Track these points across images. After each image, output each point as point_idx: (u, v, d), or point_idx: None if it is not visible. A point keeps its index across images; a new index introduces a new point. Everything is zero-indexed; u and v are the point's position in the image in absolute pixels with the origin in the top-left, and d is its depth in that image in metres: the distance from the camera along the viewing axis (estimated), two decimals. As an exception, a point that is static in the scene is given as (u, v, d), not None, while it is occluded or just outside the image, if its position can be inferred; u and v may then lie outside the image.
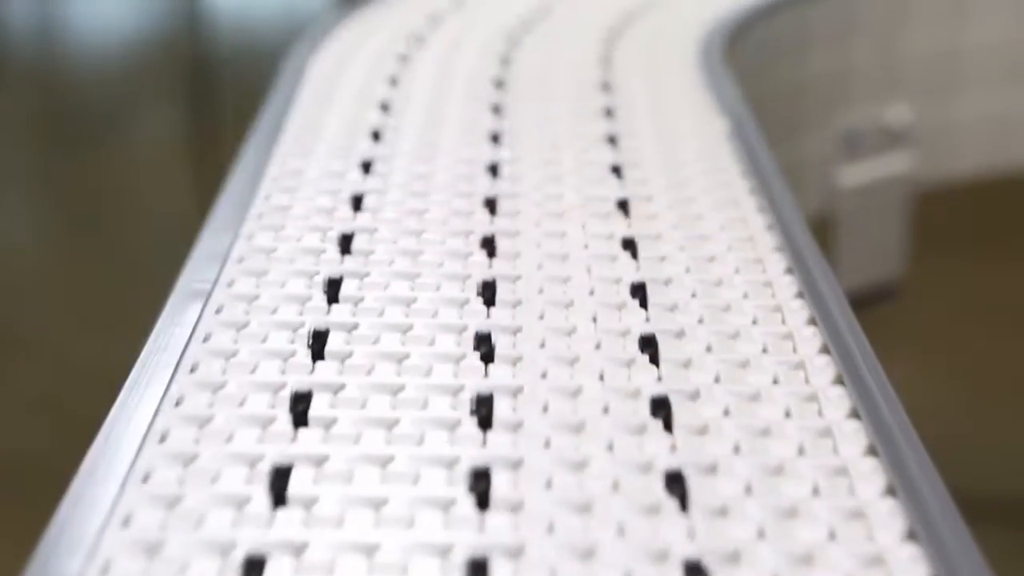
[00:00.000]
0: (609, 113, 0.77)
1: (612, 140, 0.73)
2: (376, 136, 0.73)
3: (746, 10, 1.10)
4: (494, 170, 0.68)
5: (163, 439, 0.44)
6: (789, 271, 0.57)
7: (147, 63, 3.68)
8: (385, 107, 0.78)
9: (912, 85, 1.42)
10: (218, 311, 0.53)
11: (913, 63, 1.41)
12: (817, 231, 1.33)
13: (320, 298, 0.54)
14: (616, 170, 0.68)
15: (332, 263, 0.57)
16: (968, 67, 1.44)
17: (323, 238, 0.60)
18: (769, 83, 1.23)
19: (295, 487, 0.42)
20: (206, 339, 0.50)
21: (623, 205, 0.63)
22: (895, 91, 1.40)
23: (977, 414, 1.84)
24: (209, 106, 3.14)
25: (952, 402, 1.85)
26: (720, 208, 0.63)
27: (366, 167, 0.68)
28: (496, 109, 0.78)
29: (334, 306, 0.53)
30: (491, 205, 0.64)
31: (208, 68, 3.43)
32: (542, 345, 0.50)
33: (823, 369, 0.48)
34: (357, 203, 0.63)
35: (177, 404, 0.46)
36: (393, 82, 0.83)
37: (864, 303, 1.46)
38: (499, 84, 0.83)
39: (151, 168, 2.86)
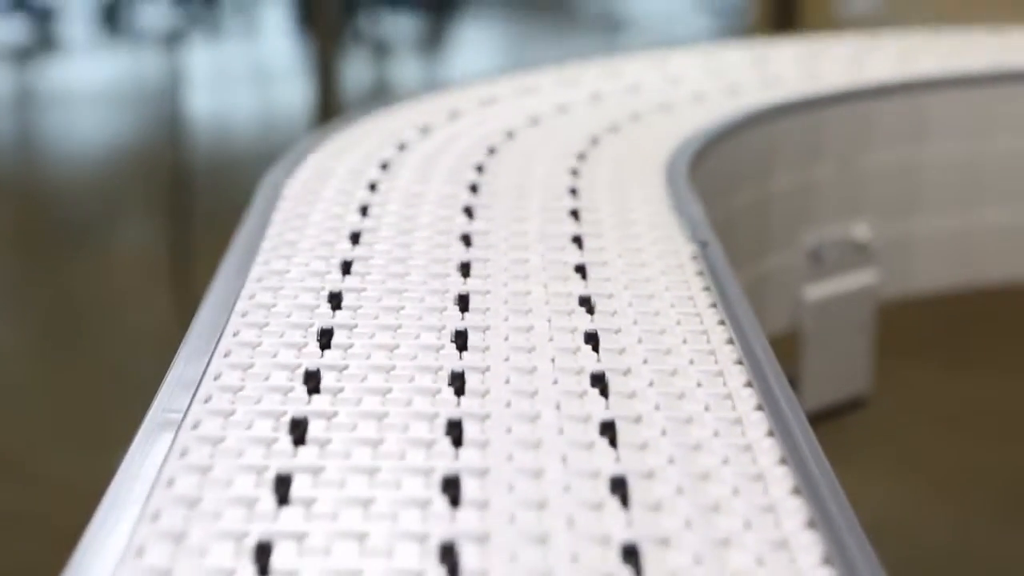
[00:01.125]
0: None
1: (579, 246, 0.76)
2: (355, 239, 0.76)
3: (714, 128, 1.14)
4: (466, 269, 0.72)
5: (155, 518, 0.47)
6: (739, 362, 0.60)
7: (125, 173, 3.72)
8: (364, 210, 0.82)
9: (875, 202, 1.46)
10: (207, 399, 0.56)
11: (875, 181, 1.45)
12: (786, 345, 1.37)
13: (301, 390, 0.57)
14: (586, 302, 0.71)
15: (312, 356, 0.60)
16: (928, 185, 1.48)
17: (304, 334, 0.63)
18: (737, 201, 1.27)
19: (278, 560, 0.45)
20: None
21: (586, 302, 0.67)
22: (858, 208, 1.44)
23: (952, 523, 1.86)
24: (187, 216, 3.17)
25: (925, 511, 1.87)
26: (676, 300, 0.67)
27: (347, 267, 0.72)
28: (469, 211, 0.81)
29: (315, 396, 0.57)
30: (463, 301, 0.67)
31: (186, 178, 3.48)
32: (508, 431, 0.53)
33: (768, 450, 0.52)
34: (336, 301, 0.67)
35: (169, 485, 0.49)
36: (372, 187, 0.87)
37: (834, 414, 1.49)
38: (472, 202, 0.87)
39: (129, 278, 2.89)
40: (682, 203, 0.87)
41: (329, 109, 2.81)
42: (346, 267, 0.72)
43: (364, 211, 0.82)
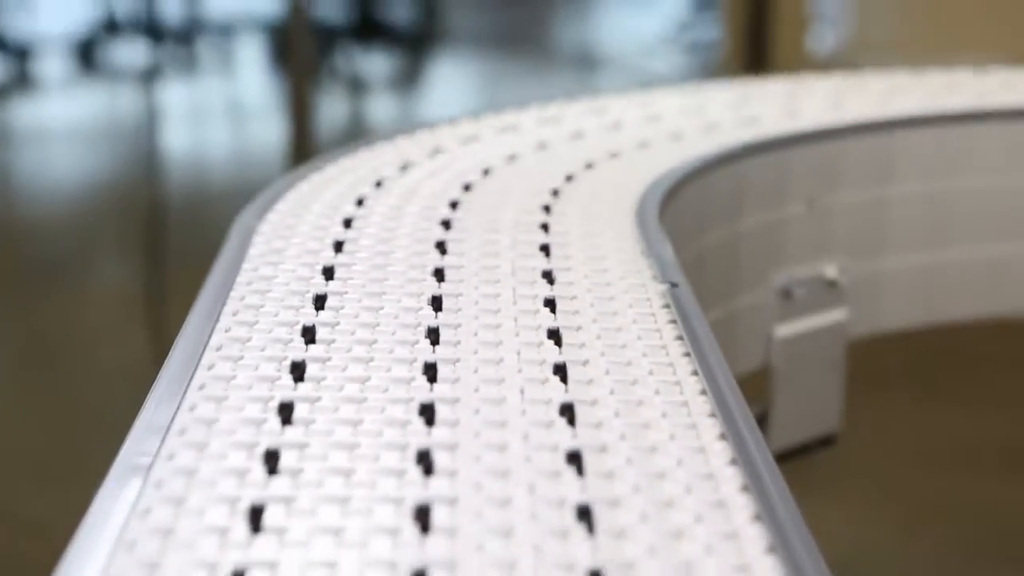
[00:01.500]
0: (548, 278, 0.81)
1: (550, 304, 0.77)
2: (321, 303, 0.77)
3: (683, 167, 1.15)
4: (435, 334, 0.72)
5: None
6: (712, 413, 0.61)
7: (101, 210, 3.71)
8: (329, 273, 0.82)
9: (844, 241, 1.47)
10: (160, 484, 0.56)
11: (844, 220, 1.46)
12: (758, 382, 1.38)
13: (260, 471, 0.57)
14: (554, 333, 0.72)
15: (273, 434, 0.61)
16: (895, 224, 1.49)
17: (264, 408, 0.63)
18: (708, 239, 1.28)
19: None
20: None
21: (560, 369, 0.67)
22: (828, 247, 1.45)
23: (925, 558, 1.87)
24: (162, 253, 3.17)
25: (899, 546, 1.88)
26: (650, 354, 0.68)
27: (309, 333, 0.72)
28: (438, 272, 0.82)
29: (273, 478, 0.57)
30: (430, 371, 0.67)
31: (161, 215, 3.48)
32: (478, 515, 0.53)
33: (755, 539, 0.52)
34: (299, 371, 0.67)
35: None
36: (338, 247, 0.87)
37: (805, 451, 1.50)
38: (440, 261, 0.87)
39: (103, 315, 2.88)
40: (653, 245, 0.88)
41: (303, 147, 2.81)
42: (309, 334, 0.72)
43: (329, 273, 0.82)
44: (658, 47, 5.49)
